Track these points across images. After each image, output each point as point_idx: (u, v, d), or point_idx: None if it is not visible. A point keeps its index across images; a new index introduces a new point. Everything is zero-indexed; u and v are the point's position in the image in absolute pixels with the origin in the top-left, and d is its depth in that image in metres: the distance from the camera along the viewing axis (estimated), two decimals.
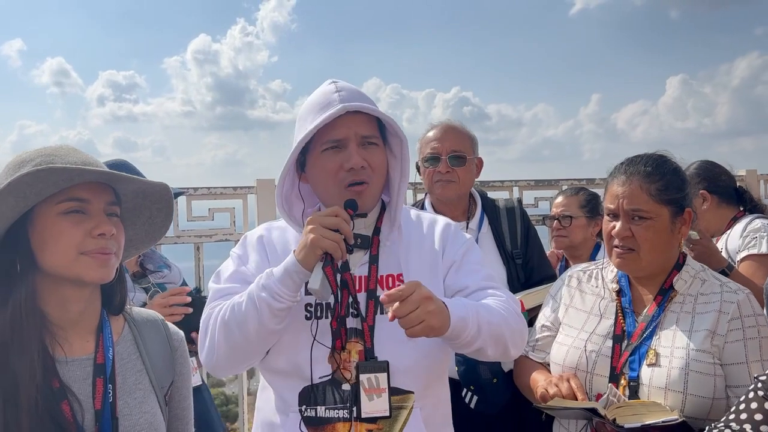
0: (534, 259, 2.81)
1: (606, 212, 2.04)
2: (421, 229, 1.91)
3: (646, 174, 1.97)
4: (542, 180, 4.09)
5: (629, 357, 1.93)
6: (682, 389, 1.83)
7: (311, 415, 1.71)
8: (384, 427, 1.71)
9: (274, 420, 1.79)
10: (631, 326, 1.99)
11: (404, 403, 1.73)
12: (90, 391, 1.42)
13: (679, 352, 1.88)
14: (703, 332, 1.89)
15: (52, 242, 1.38)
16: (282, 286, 1.64)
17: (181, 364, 1.63)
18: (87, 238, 1.40)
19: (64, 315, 1.44)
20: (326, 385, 1.72)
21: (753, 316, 1.91)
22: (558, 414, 2.00)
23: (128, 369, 1.51)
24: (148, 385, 1.53)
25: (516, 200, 3.02)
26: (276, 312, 1.65)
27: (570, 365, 2.01)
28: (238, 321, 1.68)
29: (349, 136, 1.72)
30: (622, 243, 1.97)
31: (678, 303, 1.98)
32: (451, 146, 2.74)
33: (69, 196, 1.39)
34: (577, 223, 3.30)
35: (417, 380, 1.76)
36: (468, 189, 2.83)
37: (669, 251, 2.01)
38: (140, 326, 1.59)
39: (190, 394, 1.68)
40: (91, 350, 1.47)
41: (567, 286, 2.19)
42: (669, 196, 1.96)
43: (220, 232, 3.51)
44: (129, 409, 1.47)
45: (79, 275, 1.41)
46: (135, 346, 1.55)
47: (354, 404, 1.69)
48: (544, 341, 2.18)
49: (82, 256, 1.39)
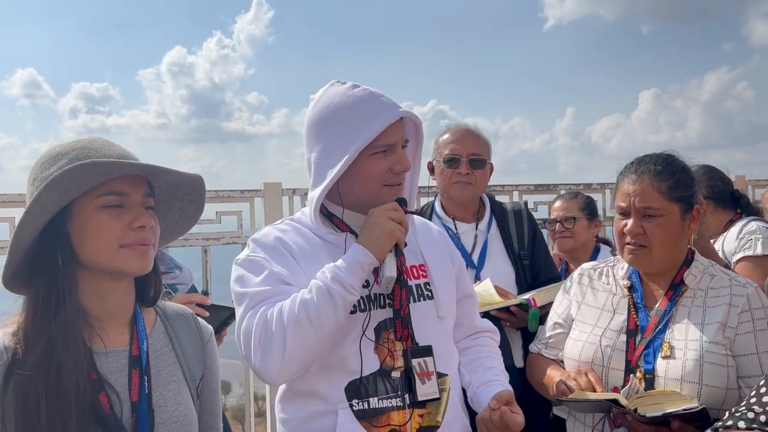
0: (540, 260, 2.86)
1: (617, 210, 2.09)
2: (420, 225, 2.00)
3: (657, 172, 2.02)
4: (541, 185, 4.18)
5: (644, 350, 1.98)
6: (697, 380, 1.88)
7: (363, 407, 1.71)
8: (432, 411, 1.77)
9: (318, 424, 1.75)
10: (644, 321, 2.04)
11: (444, 386, 1.80)
12: (126, 383, 1.43)
13: (692, 344, 1.93)
14: (714, 325, 1.94)
15: (93, 236, 1.39)
16: (353, 278, 1.65)
17: (210, 358, 1.64)
18: (127, 230, 1.41)
19: (102, 307, 1.45)
20: (376, 376, 1.73)
21: (762, 308, 1.97)
22: (577, 407, 2.04)
23: (162, 361, 1.52)
24: (181, 378, 1.54)
25: (523, 203, 3.07)
26: (348, 305, 1.66)
27: (586, 360, 2.05)
28: (312, 318, 1.62)
29: (398, 141, 1.78)
30: (634, 240, 2.02)
31: (689, 297, 2.03)
32: (471, 149, 2.78)
33: (109, 190, 1.40)
34: (580, 224, 3.38)
35: (450, 363, 1.86)
36: (482, 191, 2.88)
37: (679, 247, 2.06)
38: (172, 320, 1.60)
39: (219, 388, 1.69)
40: (126, 342, 1.48)
41: (578, 284, 2.23)
42: (679, 193, 2.01)
43: (227, 235, 3.53)
44: (164, 400, 1.48)
45: (119, 267, 1.42)
46: (168, 339, 1.57)
47: (406, 390, 1.73)
48: (557, 338, 2.22)
49: (122, 248, 1.41)
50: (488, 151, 2.86)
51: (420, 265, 1.89)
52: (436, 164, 2.86)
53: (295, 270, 1.75)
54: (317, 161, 1.79)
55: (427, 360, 1.76)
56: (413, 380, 1.73)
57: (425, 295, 1.86)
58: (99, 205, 1.40)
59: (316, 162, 1.79)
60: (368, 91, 1.79)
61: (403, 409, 1.73)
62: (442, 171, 2.81)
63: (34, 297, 1.38)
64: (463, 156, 2.76)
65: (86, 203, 1.39)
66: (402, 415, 1.72)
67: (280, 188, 3.53)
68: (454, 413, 1.81)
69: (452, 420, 1.80)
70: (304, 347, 1.63)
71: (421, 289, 1.86)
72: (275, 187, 3.51)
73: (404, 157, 1.80)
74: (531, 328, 2.53)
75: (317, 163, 1.79)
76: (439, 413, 1.78)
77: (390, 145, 1.77)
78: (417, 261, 1.89)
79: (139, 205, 1.44)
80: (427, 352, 1.77)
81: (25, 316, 1.39)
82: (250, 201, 3.58)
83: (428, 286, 1.88)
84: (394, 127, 1.77)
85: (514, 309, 2.55)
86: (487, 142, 2.87)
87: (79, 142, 1.45)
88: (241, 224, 3.59)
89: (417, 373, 1.73)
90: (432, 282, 1.88)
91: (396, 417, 1.73)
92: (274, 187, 3.52)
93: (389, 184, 1.79)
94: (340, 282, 1.64)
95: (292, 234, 1.84)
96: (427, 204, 2.97)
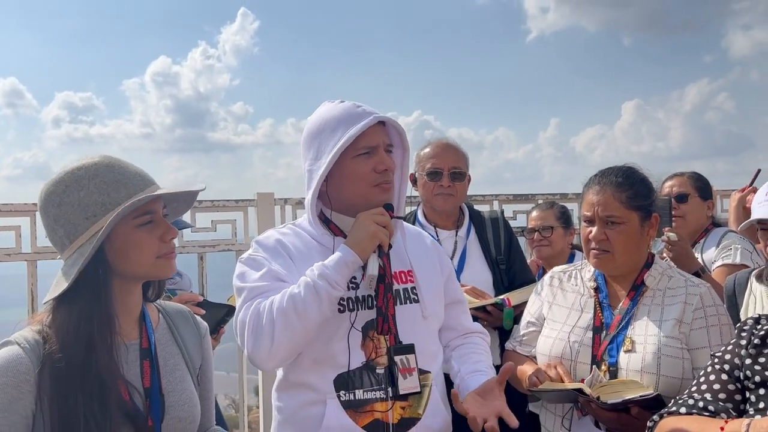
0: (516, 265, 3.03)
1: (583, 219, 2.24)
2: (412, 234, 2.14)
3: (618, 184, 2.18)
4: (520, 194, 4.34)
5: (608, 345, 2.13)
6: (655, 371, 2.03)
7: (350, 398, 1.86)
8: (413, 404, 1.91)
9: (308, 412, 1.90)
10: (609, 318, 2.19)
11: (426, 382, 1.94)
12: (139, 372, 1.59)
13: (651, 339, 2.08)
14: (671, 321, 2.09)
15: (135, 251, 1.56)
16: (338, 275, 1.79)
17: (206, 349, 1.81)
18: (161, 243, 1.59)
19: (122, 307, 1.61)
20: (362, 370, 1.88)
21: (714, 306, 2.13)
22: (547, 396, 2.18)
23: (167, 353, 1.68)
24: (184, 367, 1.71)
25: (500, 212, 3.26)
26: (333, 300, 1.80)
27: (556, 355, 2.20)
28: (299, 310, 1.76)
29: (379, 143, 1.92)
30: (599, 246, 2.18)
31: (649, 297, 2.18)
32: (452, 163, 2.94)
33: (143, 211, 1.56)
34: (557, 233, 3.52)
35: (432, 361, 1.99)
36: (462, 201, 3.04)
37: (639, 251, 2.22)
38: (172, 317, 1.77)
39: (213, 377, 1.85)
40: (137, 336, 1.64)
41: (549, 285, 2.38)
42: (638, 203, 2.17)
43: (222, 243, 3.64)
44: (172, 386, 1.64)
45: (155, 275, 1.62)
46: (170, 333, 1.73)
47: (389, 384, 1.87)
48: (530, 336, 2.37)
49: (158, 259, 1.58)
50: (467, 164, 3.02)
51: (408, 271, 2.01)
52: (419, 177, 3.01)
53: (291, 269, 1.89)
54: (309, 168, 1.95)
55: (409, 357, 1.90)
56: (395, 375, 1.87)
57: (411, 298, 1.99)
58: (135, 225, 1.56)
59: (308, 169, 1.95)
60: (352, 103, 1.96)
61: (386, 400, 1.87)
62: (425, 183, 2.96)
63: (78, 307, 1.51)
64: (444, 170, 2.91)
65: (124, 225, 1.54)
66: (385, 406, 1.87)
67: (273, 198, 3.67)
68: (435, 407, 1.94)
69: (433, 413, 1.93)
70: (290, 336, 1.77)
71: (407, 293, 1.99)
72: (268, 197, 3.65)
73: (387, 157, 1.92)
74: (506, 326, 2.71)
75: (309, 169, 1.95)
76: (420, 406, 1.91)
77: (371, 147, 1.91)
78: (405, 267, 2.01)
79: (162, 219, 1.61)
80: (409, 350, 1.91)
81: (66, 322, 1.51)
82: (244, 210, 3.69)
83: (414, 290, 2.00)
84: (375, 131, 1.91)
85: (490, 308, 2.72)
86: (465, 156, 3.03)
87: (97, 164, 1.57)
88: (236, 232, 3.69)
89: (399, 369, 1.87)
90: (418, 287, 2.00)
91: (379, 407, 1.88)
92: (267, 197, 3.64)
93: (377, 185, 1.92)
94: (325, 278, 1.77)
95: (291, 236, 1.98)
96: (410, 213, 3.11)
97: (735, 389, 1.61)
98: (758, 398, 1.55)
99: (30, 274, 3.21)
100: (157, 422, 1.58)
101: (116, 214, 1.49)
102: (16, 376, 1.45)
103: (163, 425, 1.59)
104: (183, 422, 1.64)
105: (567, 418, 2.19)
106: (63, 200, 1.53)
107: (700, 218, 3.37)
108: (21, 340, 1.50)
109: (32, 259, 3.21)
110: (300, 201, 3.79)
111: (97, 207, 1.51)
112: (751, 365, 1.59)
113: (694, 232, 3.33)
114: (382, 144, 1.93)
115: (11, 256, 3.18)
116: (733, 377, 1.62)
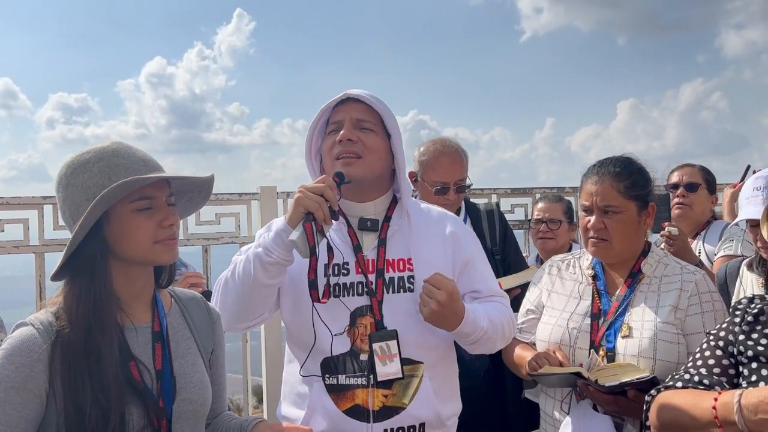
0: (511, 256, 3.11)
1: (582, 208, 2.28)
2: (431, 220, 2.13)
3: (615, 174, 2.21)
4: (517, 188, 4.41)
5: (606, 332, 2.17)
6: (652, 356, 2.08)
7: (333, 382, 1.92)
8: (398, 393, 1.93)
9: (301, 389, 1.99)
10: (606, 305, 2.23)
11: (415, 372, 1.96)
12: (150, 355, 1.62)
13: (648, 324, 2.12)
14: (667, 307, 2.14)
15: (131, 235, 1.58)
16: (273, 243, 1.86)
17: (219, 335, 1.84)
18: (158, 229, 1.60)
19: (129, 290, 1.64)
20: (345, 356, 1.93)
21: (708, 292, 2.18)
22: (546, 381, 2.22)
23: (179, 336, 1.71)
24: (196, 350, 1.73)
25: (494, 204, 3.33)
26: (267, 266, 1.86)
27: (555, 341, 2.24)
28: (237, 273, 1.91)
29: (345, 119, 1.98)
30: (597, 234, 2.21)
31: (645, 284, 2.22)
32: (458, 177, 3.00)
33: (141, 195, 1.57)
34: (563, 227, 3.55)
35: (426, 352, 1.99)
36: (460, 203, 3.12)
37: (637, 240, 2.27)
38: (185, 302, 1.80)
39: (224, 363, 1.89)
40: (149, 320, 1.67)
41: (548, 274, 2.43)
42: (635, 192, 2.21)
43: (226, 236, 3.70)
44: (183, 369, 1.67)
45: (153, 261, 1.63)
46: (182, 318, 1.76)
47: (371, 372, 1.90)
48: (530, 323, 2.41)
49: (156, 244, 1.60)
50: (467, 167, 3.08)
51: (408, 259, 2.01)
52: (421, 182, 3.03)
53: None
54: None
55: (390, 344, 1.90)
56: (374, 362, 1.88)
57: (406, 287, 1.98)
58: (133, 209, 1.57)
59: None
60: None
61: (367, 388, 1.91)
62: (429, 195, 2.97)
63: (77, 287, 1.55)
64: (450, 184, 2.97)
65: (121, 208, 1.56)
66: (365, 393, 1.91)
67: (275, 192, 3.72)
68: (424, 399, 1.94)
69: (421, 404, 1.94)
70: (230, 298, 1.94)
71: (402, 281, 1.99)
72: (271, 191, 3.70)
73: (346, 129, 1.97)
74: None
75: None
76: (406, 396, 1.93)
77: (337, 122, 2.01)
78: (404, 255, 2.01)
79: (165, 205, 1.63)
80: (391, 336, 1.91)
81: (68, 303, 1.55)
82: (248, 204, 3.74)
83: (411, 279, 1.99)
84: (344, 108, 2.00)
85: None
86: (467, 159, 3.08)
87: (105, 149, 1.61)
88: (239, 225, 3.75)
89: (378, 355, 1.88)
90: (416, 276, 1.99)
91: (360, 395, 1.92)
92: (270, 190, 3.69)
93: (338, 158, 1.98)
94: (262, 246, 1.88)
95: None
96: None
97: (729, 364, 1.66)
98: (751, 372, 1.60)
99: (38, 266, 3.26)
100: (168, 404, 1.61)
101: (103, 193, 1.51)
102: (29, 356, 1.49)
103: (174, 407, 1.62)
104: (194, 404, 1.67)
105: (566, 402, 2.22)
106: (70, 182, 1.58)
107: (705, 210, 3.47)
108: (35, 322, 1.54)
109: (40, 251, 3.27)
110: None
111: (97, 189, 1.54)
112: (744, 341, 1.64)
113: (697, 223, 3.43)
114: (350, 119, 2.00)
115: (19, 248, 3.24)
116: (727, 353, 1.67)
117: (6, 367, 1.48)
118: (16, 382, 1.47)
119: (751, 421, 1.43)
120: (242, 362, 3.82)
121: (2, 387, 1.47)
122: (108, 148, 1.61)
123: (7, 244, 3.25)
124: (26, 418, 1.48)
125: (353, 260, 1.99)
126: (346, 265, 1.97)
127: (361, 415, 1.91)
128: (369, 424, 1.91)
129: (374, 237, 2.03)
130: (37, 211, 3.26)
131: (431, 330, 1.98)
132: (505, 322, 2.07)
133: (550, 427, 2.29)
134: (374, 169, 2.00)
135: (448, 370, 2.10)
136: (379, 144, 2.00)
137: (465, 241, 2.14)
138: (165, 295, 1.77)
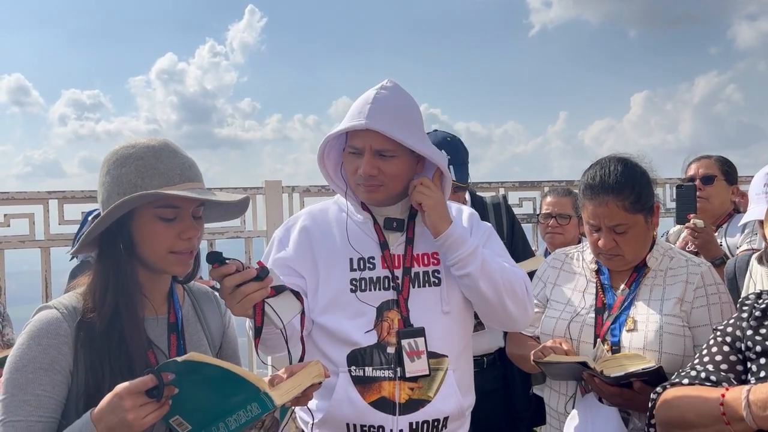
0: (519, 249, 3.09)
1: (588, 224, 2.23)
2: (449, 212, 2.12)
3: (618, 190, 2.12)
4: (525, 182, 4.38)
5: (611, 326, 2.15)
6: (657, 349, 2.07)
7: (359, 374, 1.93)
8: (423, 386, 1.95)
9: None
10: (611, 299, 2.21)
11: (440, 366, 1.97)
12: (166, 344, 1.67)
13: (653, 317, 2.11)
14: (673, 300, 2.13)
15: (148, 240, 1.60)
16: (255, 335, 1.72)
17: (228, 327, 1.88)
18: (177, 240, 1.60)
19: (151, 284, 1.67)
20: (373, 349, 1.94)
21: (714, 285, 2.16)
22: (552, 370, 2.19)
23: (192, 329, 1.76)
24: (206, 343, 1.78)
25: (501, 197, 3.31)
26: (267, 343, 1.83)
27: (559, 335, 2.22)
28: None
29: (365, 147, 1.94)
30: (609, 252, 2.18)
31: (651, 277, 2.20)
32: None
33: (167, 204, 1.58)
34: (572, 223, 3.52)
35: (450, 346, 2.01)
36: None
37: (647, 244, 2.23)
38: (197, 296, 1.84)
39: (238, 355, 1.91)
40: (165, 312, 1.71)
41: (552, 267, 2.42)
42: (642, 204, 2.15)
43: (231, 230, 3.70)
44: None
45: (164, 269, 1.65)
46: (194, 311, 1.80)
47: (398, 365, 1.92)
48: (534, 317, 2.34)
49: (170, 254, 1.61)
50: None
51: (433, 253, 2.03)
52: None
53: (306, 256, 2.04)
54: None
55: (418, 341, 1.93)
56: (402, 358, 1.91)
57: (432, 281, 2.01)
58: (156, 215, 1.58)
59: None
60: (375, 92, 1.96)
61: (394, 380, 1.93)
62: None
63: (104, 274, 1.59)
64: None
65: (146, 211, 1.58)
66: (392, 386, 1.93)
67: (281, 186, 3.73)
68: (449, 391, 1.97)
69: (445, 397, 1.96)
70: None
71: (428, 276, 2.01)
72: (276, 185, 3.70)
73: (366, 164, 1.93)
74: None
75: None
76: (431, 389, 1.95)
77: (357, 149, 1.96)
78: (429, 249, 2.04)
79: (189, 217, 1.63)
80: (419, 333, 1.94)
81: (97, 287, 1.59)
82: (253, 198, 3.71)
83: (437, 273, 2.02)
84: (365, 134, 1.92)
85: None
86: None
87: (149, 147, 1.61)
88: (244, 219, 3.75)
89: (407, 352, 1.91)
90: (443, 270, 2.02)
91: (387, 387, 1.93)
92: (275, 185, 3.70)
93: (359, 184, 1.99)
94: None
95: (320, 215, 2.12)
96: None
97: (737, 360, 1.64)
98: (759, 368, 1.58)
99: (43, 260, 3.29)
100: None
101: (124, 200, 1.53)
102: (56, 338, 1.52)
103: None
104: None
105: (571, 397, 2.22)
106: (109, 170, 1.61)
107: (724, 202, 3.38)
108: (59, 305, 1.58)
109: (45, 246, 3.29)
110: (307, 189, 3.84)
111: (128, 187, 1.56)
112: (752, 336, 1.62)
113: (717, 215, 3.35)
114: (370, 149, 1.95)
115: (25, 243, 3.27)
116: (735, 348, 1.66)
117: (33, 348, 1.51)
118: (44, 363, 1.50)
119: (760, 417, 1.41)
120: (248, 356, 3.83)
121: (31, 368, 1.50)
122: (152, 147, 1.62)
123: (13, 239, 3.28)
124: (56, 398, 1.51)
125: (379, 255, 2.00)
126: (371, 259, 2.00)
127: (387, 408, 1.92)
128: (394, 417, 1.92)
129: (400, 235, 2.06)
130: (42, 205, 3.29)
131: (456, 322, 2.03)
132: (515, 279, 2.02)
133: (556, 421, 2.28)
134: (398, 189, 2.03)
135: (468, 362, 2.12)
136: (401, 166, 1.99)
137: (482, 225, 2.20)
138: (179, 288, 1.80)
